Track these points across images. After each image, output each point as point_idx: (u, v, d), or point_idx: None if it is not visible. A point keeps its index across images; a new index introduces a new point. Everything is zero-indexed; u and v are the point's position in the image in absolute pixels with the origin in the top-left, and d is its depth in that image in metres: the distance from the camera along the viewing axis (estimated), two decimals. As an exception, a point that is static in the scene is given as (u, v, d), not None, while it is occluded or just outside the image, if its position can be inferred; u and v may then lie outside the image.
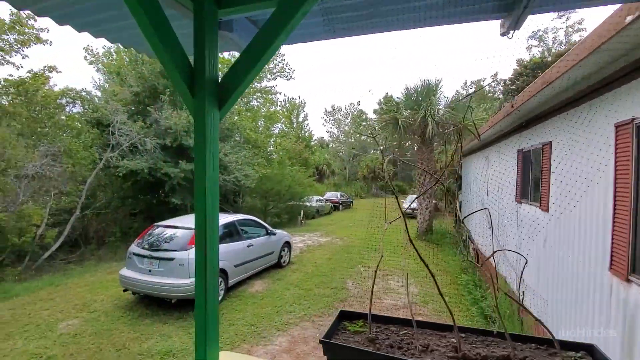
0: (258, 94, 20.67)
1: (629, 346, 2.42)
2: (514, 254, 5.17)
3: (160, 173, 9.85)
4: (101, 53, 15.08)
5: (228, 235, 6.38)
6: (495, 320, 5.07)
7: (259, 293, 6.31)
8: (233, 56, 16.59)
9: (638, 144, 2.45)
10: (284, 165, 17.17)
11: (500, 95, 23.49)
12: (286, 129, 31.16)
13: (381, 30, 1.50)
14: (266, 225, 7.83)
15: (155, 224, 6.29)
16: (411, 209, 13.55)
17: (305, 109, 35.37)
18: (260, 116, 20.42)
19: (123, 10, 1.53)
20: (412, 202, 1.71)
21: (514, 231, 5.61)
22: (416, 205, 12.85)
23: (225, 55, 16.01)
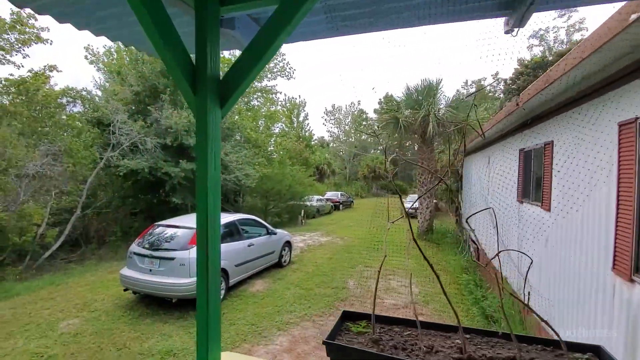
0: (258, 94, 20.66)
1: (632, 347, 2.41)
2: (515, 254, 5.16)
3: (161, 172, 9.84)
4: (102, 52, 15.08)
5: (229, 234, 6.37)
6: (497, 320, 5.06)
7: (259, 292, 6.31)
8: (234, 55, 16.59)
9: (642, 143, 2.43)
10: (284, 165, 17.18)
11: (501, 95, 23.44)
12: (287, 129, 31.14)
13: (384, 28, 1.48)
14: (267, 224, 7.82)
15: (156, 224, 6.29)
16: (413, 208, 13.55)
17: (305, 109, 35.36)
18: (260, 116, 20.42)
19: (124, 8, 1.51)
20: (415, 202, 1.69)
21: (515, 231, 5.60)
22: (417, 204, 12.84)
23: (226, 55, 16.02)
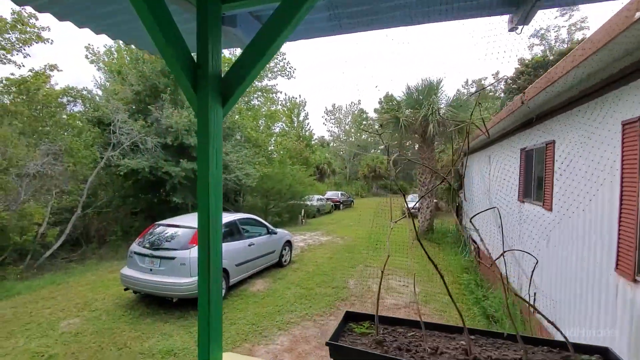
0: (259, 93, 20.65)
1: (636, 347, 2.39)
2: (517, 254, 5.14)
3: (161, 172, 9.83)
4: (102, 52, 15.08)
5: (229, 234, 6.37)
6: (498, 320, 5.05)
7: (260, 292, 6.30)
8: (234, 55, 16.58)
9: (646, 142, 2.41)
10: (284, 165, 17.18)
11: (502, 94, 23.40)
12: (287, 128, 31.14)
13: (387, 26, 1.47)
14: (267, 224, 7.81)
15: (156, 223, 6.28)
16: (415, 208, 13.54)
17: (305, 108, 35.34)
18: (261, 115, 20.41)
19: (124, 6, 1.50)
20: (418, 201, 1.68)
21: (517, 231, 5.58)
22: (418, 204, 12.81)
23: (226, 54, 16.01)
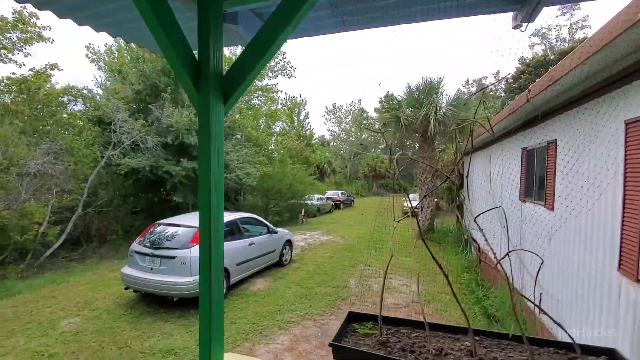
0: (259, 92, 20.63)
1: (639, 347, 2.38)
2: (518, 254, 5.12)
3: (162, 171, 9.82)
4: (103, 51, 15.05)
5: (230, 233, 6.36)
6: (499, 320, 5.03)
7: (260, 291, 6.29)
8: (235, 54, 16.56)
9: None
10: (285, 164, 17.15)
11: (502, 94, 23.36)
12: (287, 128, 31.12)
13: (390, 23, 1.45)
14: (268, 223, 7.80)
15: (157, 222, 6.27)
16: (416, 208, 13.51)
17: (306, 107, 35.31)
18: (261, 114, 20.38)
19: (125, 3, 1.49)
20: (420, 200, 1.67)
21: (518, 230, 5.56)
22: (416, 203, 12.80)
23: (227, 53, 15.99)
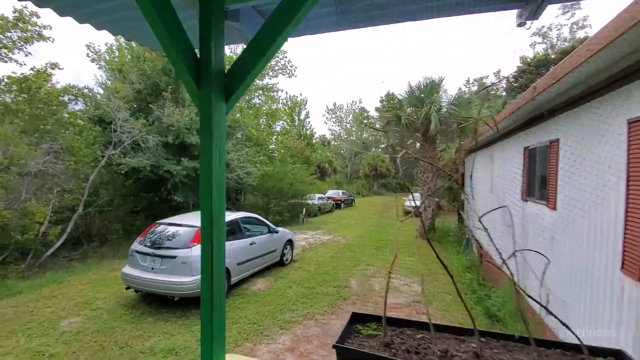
0: (260, 92, 20.61)
1: (642, 348, 2.36)
2: (520, 253, 5.10)
3: (163, 170, 9.82)
4: (103, 50, 15.04)
5: (231, 233, 6.35)
6: (500, 320, 5.01)
7: (261, 291, 6.28)
8: (235, 53, 16.54)
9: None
10: (285, 163, 17.13)
11: (504, 93, 23.33)
12: (288, 127, 31.07)
13: (394, 21, 1.43)
14: (268, 223, 7.79)
15: (158, 222, 6.27)
16: (417, 207, 13.47)
17: (306, 107, 35.24)
18: (262, 114, 20.36)
19: (125, 1, 1.47)
20: (425, 200, 1.65)
21: (520, 229, 5.54)
22: (419, 203, 12.78)
23: (227, 53, 15.97)
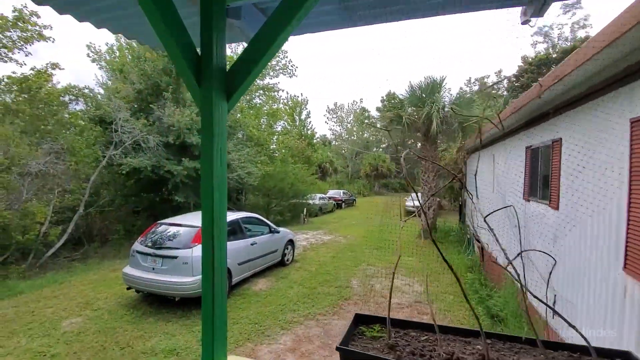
0: (260, 92, 20.60)
1: (647, 349, 2.35)
2: (523, 253, 5.08)
3: (164, 171, 9.81)
4: (104, 50, 15.04)
5: (232, 233, 6.33)
6: (502, 320, 4.99)
7: (262, 291, 6.27)
8: (236, 53, 16.53)
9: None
10: (286, 163, 17.12)
11: (505, 92, 23.28)
12: (289, 127, 31.05)
13: (398, 18, 1.42)
14: (269, 223, 7.78)
15: (159, 222, 6.26)
16: (419, 206, 13.47)
17: (307, 107, 35.22)
18: (262, 114, 20.35)
19: (125, -1, 1.46)
20: (428, 199, 1.64)
21: (522, 229, 5.51)
22: (420, 203, 12.75)
23: (228, 53, 15.96)
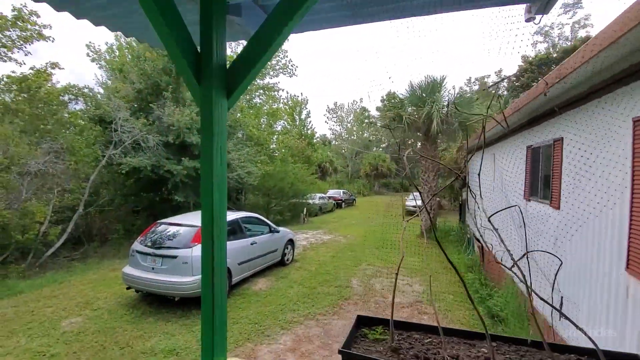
0: (261, 91, 20.57)
1: (650, 349, 2.33)
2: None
3: (163, 170, 9.79)
4: (104, 50, 15.02)
5: (231, 232, 6.32)
6: (502, 320, 4.98)
7: (262, 291, 6.26)
8: (235, 52, 16.49)
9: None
10: (286, 163, 17.10)
11: (505, 92, 23.25)
12: (289, 126, 31.01)
13: (401, 16, 1.40)
14: (269, 222, 7.76)
15: (158, 222, 6.24)
16: (419, 206, 13.46)
17: (307, 106, 35.18)
18: (262, 113, 20.32)
19: (124, -4, 1.44)
20: (432, 199, 1.62)
21: (523, 229, 5.49)
22: (420, 202, 12.75)
23: (228, 52, 15.94)
